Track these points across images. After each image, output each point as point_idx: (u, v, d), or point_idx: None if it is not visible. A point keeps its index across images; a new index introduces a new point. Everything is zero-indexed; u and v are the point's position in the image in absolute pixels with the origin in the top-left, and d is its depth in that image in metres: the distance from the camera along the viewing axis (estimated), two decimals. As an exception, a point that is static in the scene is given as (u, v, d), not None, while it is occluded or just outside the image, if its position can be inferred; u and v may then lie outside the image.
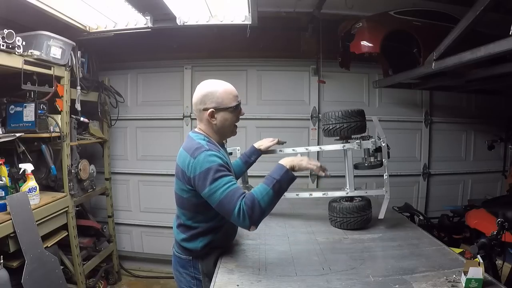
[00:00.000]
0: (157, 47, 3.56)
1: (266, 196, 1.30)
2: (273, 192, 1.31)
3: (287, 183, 1.36)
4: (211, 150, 1.39)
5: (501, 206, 2.57)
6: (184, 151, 1.45)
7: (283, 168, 1.36)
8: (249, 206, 1.28)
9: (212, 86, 1.50)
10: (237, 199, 1.30)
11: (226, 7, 2.57)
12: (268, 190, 1.31)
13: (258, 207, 1.29)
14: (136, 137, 3.80)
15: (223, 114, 1.50)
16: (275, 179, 1.33)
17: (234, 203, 1.29)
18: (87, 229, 3.30)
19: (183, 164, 1.42)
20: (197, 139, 1.46)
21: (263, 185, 1.33)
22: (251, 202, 1.29)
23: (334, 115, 1.92)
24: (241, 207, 1.28)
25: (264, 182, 1.34)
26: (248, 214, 1.28)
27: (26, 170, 2.34)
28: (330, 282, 1.33)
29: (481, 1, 1.88)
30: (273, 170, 1.38)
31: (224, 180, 1.33)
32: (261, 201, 1.29)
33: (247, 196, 1.31)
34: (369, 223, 1.95)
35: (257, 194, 1.31)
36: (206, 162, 1.35)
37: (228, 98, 1.49)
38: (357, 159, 2.01)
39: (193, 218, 1.49)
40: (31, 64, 2.34)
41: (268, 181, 1.33)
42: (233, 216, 1.30)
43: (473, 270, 1.21)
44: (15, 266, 2.14)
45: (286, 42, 3.63)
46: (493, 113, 3.88)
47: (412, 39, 2.78)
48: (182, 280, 1.58)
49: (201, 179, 1.35)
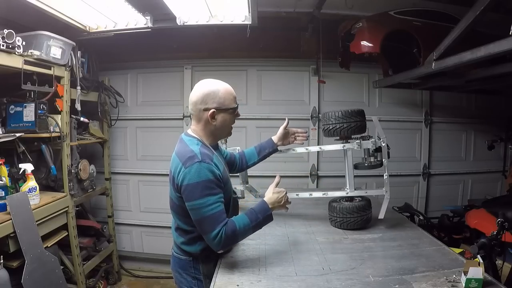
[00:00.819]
0: (157, 47, 3.56)
1: (244, 230, 1.40)
2: (251, 229, 1.42)
3: (265, 222, 1.46)
4: (204, 161, 1.36)
5: (501, 206, 2.57)
6: (176, 158, 1.42)
7: (267, 210, 1.46)
8: (229, 235, 1.35)
9: (213, 85, 1.47)
10: (219, 224, 1.34)
11: (226, 7, 2.57)
12: (249, 226, 1.40)
13: (235, 237, 1.39)
14: (136, 137, 3.81)
15: (224, 115, 1.48)
16: (259, 217, 1.43)
17: (214, 227, 1.34)
18: (87, 229, 3.30)
19: (175, 171, 1.40)
20: (190, 145, 1.43)
21: (246, 219, 1.41)
22: (232, 232, 1.35)
23: (334, 115, 1.92)
24: (221, 233, 1.33)
25: (248, 216, 1.42)
26: (224, 242, 1.35)
27: (26, 170, 2.34)
28: (330, 282, 1.33)
29: (481, 1, 1.88)
30: (259, 207, 1.46)
31: (211, 199, 1.34)
32: (239, 234, 1.39)
33: (229, 225, 1.36)
34: (369, 223, 1.95)
35: (240, 226, 1.38)
36: (196, 175, 1.33)
37: (229, 99, 1.48)
38: (357, 159, 2.01)
39: (188, 222, 1.47)
40: (31, 64, 2.34)
41: (252, 217, 1.42)
42: (208, 236, 1.36)
43: (473, 270, 1.21)
44: (15, 266, 2.14)
45: (286, 42, 3.63)
46: (493, 113, 3.88)
47: (412, 39, 2.77)
48: (182, 281, 1.57)
49: (188, 191, 1.35)
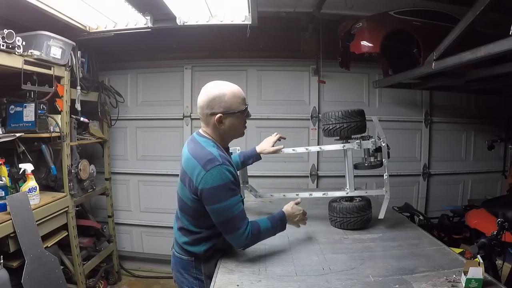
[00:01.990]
0: (157, 47, 3.56)
1: (266, 233, 1.52)
2: (271, 234, 1.55)
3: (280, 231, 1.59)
4: (224, 164, 1.36)
5: (501, 206, 2.57)
6: (193, 159, 1.39)
7: (284, 219, 1.59)
8: (254, 234, 1.45)
9: (219, 89, 1.42)
10: (244, 222, 1.43)
11: (226, 7, 2.57)
12: (270, 229, 1.52)
13: (258, 238, 1.49)
14: (136, 137, 3.80)
15: (231, 119, 1.44)
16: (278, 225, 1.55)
17: (241, 225, 1.41)
18: (87, 229, 3.30)
19: (192, 173, 1.37)
20: (207, 147, 1.41)
21: (268, 222, 1.52)
22: (257, 232, 1.46)
23: (334, 115, 1.92)
24: (248, 231, 1.42)
25: (269, 220, 1.53)
26: (250, 240, 1.44)
27: (26, 170, 2.34)
28: (330, 282, 1.32)
29: (481, 1, 1.88)
30: (279, 215, 1.58)
31: (235, 199, 1.39)
32: (262, 234, 1.50)
33: (254, 225, 1.46)
34: (369, 223, 1.95)
35: (263, 228, 1.49)
36: (219, 178, 1.34)
37: (236, 102, 1.43)
38: (357, 159, 2.01)
39: (197, 224, 1.47)
40: (31, 64, 2.34)
41: (273, 222, 1.54)
42: (235, 235, 1.42)
43: (473, 270, 1.21)
44: (15, 266, 2.14)
45: (286, 42, 3.63)
46: (493, 113, 3.88)
47: (412, 39, 2.78)
48: (183, 281, 1.56)
49: (212, 194, 1.35)
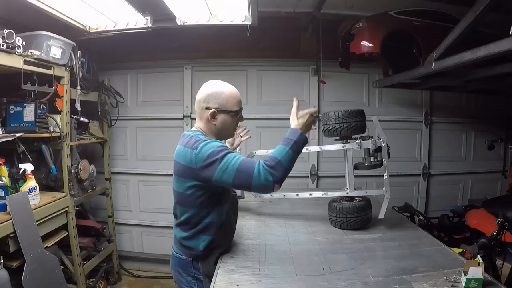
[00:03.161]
0: (157, 47, 3.55)
1: (286, 155, 1.35)
2: (292, 152, 1.36)
3: (302, 145, 1.42)
4: (210, 140, 1.42)
5: (501, 206, 2.57)
6: (182, 147, 1.46)
7: (297, 131, 1.43)
8: (270, 164, 1.32)
9: (218, 86, 1.51)
10: (253, 162, 1.33)
11: (226, 7, 2.57)
12: (287, 150, 1.36)
13: (280, 164, 1.33)
14: (136, 137, 3.80)
15: (224, 117, 1.50)
16: (292, 139, 1.39)
17: (251, 167, 1.32)
18: (87, 229, 3.30)
19: (185, 160, 1.42)
20: (194, 135, 1.47)
21: (281, 146, 1.38)
22: (272, 160, 1.33)
23: (334, 115, 1.92)
24: (261, 166, 1.31)
25: (282, 144, 1.39)
26: (270, 172, 1.31)
27: (26, 170, 2.34)
28: (330, 282, 1.32)
29: (481, 1, 1.88)
30: (289, 133, 1.43)
31: (231, 155, 1.36)
32: (282, 160, 1.34)
33: (266, 158, 1.36)
34: (369, 223, 1.95)
35: (277, 153, 1.36)
36: (209, 147, 1.38)
37: (232, 102, 1.50)
38: (357, 159, 2.02)
39: (195, 214, 1.48)
40: (31, 64, 2.34)
41: (286, 142, 1.39)
42: (254, 178, 1.31)
43: (473, 270, 1.21)
44: (15, 266, 2.14)
45: (286, 42, 3.63)
46: (493, 113, 3.88)
47: (412, 39, 2.77)
48: (182, 281, 1.57)
49: (209, 163, 1.36)
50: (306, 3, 3.28)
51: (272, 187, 1.33)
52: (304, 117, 1.47)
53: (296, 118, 1.47)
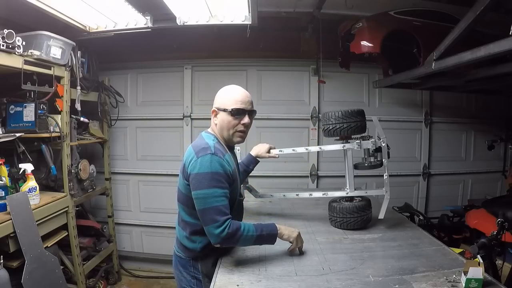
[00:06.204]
0: (157, 47, 3.56)
1: (248, 236, 1.41)
2: (254, 239, 1.43)
3: (266, 242, 1.49)
4: (216, 154, 1.42)
5: (501, 206, 2.57)
6: (191, 148, 1.50)
7: (275, 231, 1.49)
8: (231, 233, 1.36)
9: (226, 89, 1.58)
10: (222, 216, 1.36)
11: (226, 7, 2.57)
12: (254, 235, 1.42)
13: (236, 238, 1.38)
14: (136, 137, 3.81)
15: (222, 115, 1.54)
16: (263, 232, 1.45)
17: (217, 218, 1.35)
18: (87, 229, 3.30)
19: (186, 160, 1.46)
20: (206, 139, 1.51)
21: (252, 227, 1.43)
22: (235, 231, 1.37)
23: (334, 115, 1.92)
24: (225, 226, 1.35)
25: (254, 226, 1.44)
26: (225, 236, 1.35)
27: (26, 170, 2.34)
28: (330, 282, 1.33)
29: (481, 1, 1.88)
30: (267, 225, 1.50)
31: (217, 191, 1.38)
32: (241, 237, 1.39)
33: (235, 223, 1.39)
34: (369, 223, 1.95)
35: (244, 229, 1.40)
36: (207, 166, 1.38)
37: (230, 101, 1.53)
38: (357, 159, 2.01)
39: (193, 214, 1.49)
40: (31, 64, 2.34)
41: (258, 229, 1.44)
42: (210, 227, 1.36)
43: (473, 270, 1.21)
44: (15, 266, 2.14)
45: (286, 42, 3.63)
46: (493, 113, 3.88)
47: (412, 39, 2.78)
48: (182, 280, 1.59)
49: (197, 180, 1.39)
50: (306, 3, 3.29)
51: (216, 241, 1.38)
52: (292, 232, 1.54)
53: (291, 235, 1.53)
